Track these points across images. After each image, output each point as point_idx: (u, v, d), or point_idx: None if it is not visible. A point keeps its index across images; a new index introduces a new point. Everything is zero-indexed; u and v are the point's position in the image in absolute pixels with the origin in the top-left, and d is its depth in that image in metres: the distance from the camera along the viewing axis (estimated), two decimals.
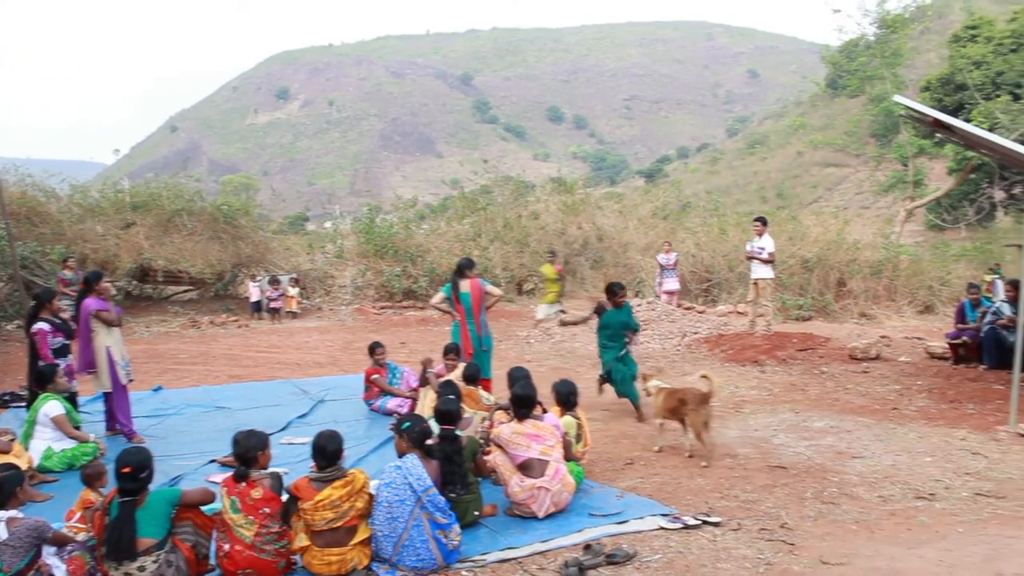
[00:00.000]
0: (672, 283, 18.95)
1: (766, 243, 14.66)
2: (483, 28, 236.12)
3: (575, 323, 15.56)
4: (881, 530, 5.87)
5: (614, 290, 9.93)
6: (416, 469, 5.37)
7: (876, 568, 5.11)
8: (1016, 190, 33.52)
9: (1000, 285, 14.76)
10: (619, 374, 9.71)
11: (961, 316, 13.14)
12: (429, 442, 5.76)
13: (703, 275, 22.32)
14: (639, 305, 17.24)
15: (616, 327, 9.84)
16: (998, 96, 33.88)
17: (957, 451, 7.92)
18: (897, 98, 10.38)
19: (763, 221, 15.20)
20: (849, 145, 60.00)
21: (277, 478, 5.24)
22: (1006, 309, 11.96)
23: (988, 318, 12.29)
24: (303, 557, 5.11)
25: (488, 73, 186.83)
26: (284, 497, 5.18)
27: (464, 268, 10.18)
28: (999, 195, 36.54)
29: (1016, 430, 8.48)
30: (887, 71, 34.52)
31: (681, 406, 7.79)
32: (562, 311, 17.95)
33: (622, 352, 9.77)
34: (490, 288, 10.09)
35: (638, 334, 10.61)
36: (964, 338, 12.73)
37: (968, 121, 26.27)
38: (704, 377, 7.90)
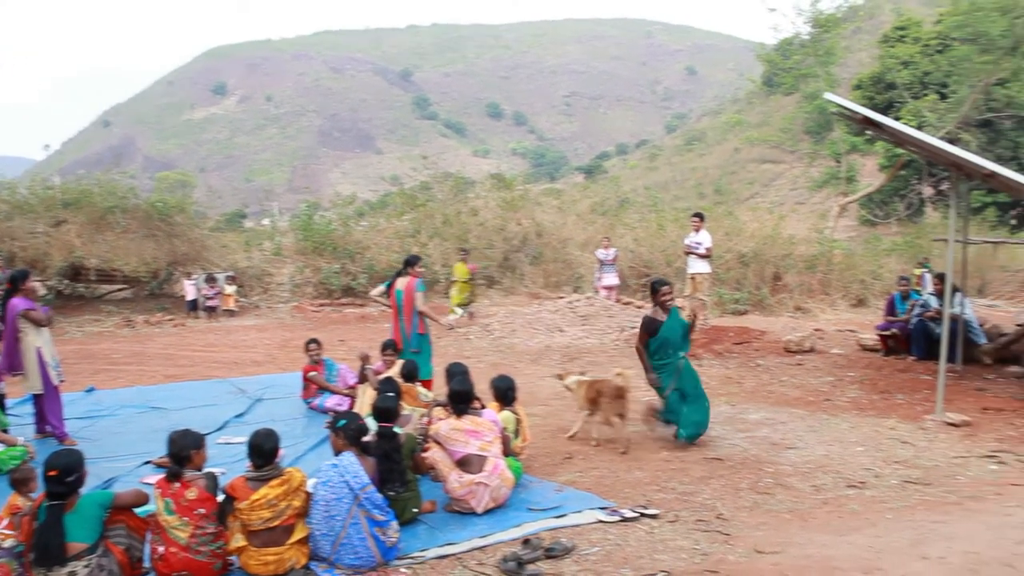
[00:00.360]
0: (611, 278, 19.07)
1: (703, 238, 14.84)
2: (423, 24, 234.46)
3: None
4: (814, 519, 6.00)
5: (656, 288, 8.16)
6: (353, 467, 5.34)
7: (808, 556, 5.21)
8: (944, 186, 34.36)
9: (929, 278, 15.14)
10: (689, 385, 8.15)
11: (891, 309, 13.45)
12: (366, 439, 5.74)
13: (642, 270, 22.52)
14: (578, 301, 17.33)
15: (679, 340, 8.15)
16: (926, 95, 34.75)
17: (887, 440, 8.12)
18: (828, 96, 10.57)
19: (700, 216, 15.38)
20: (784, 142, 61.13)
21: (212, 478, 5.18)
22: (933, 302, 12.28)
23: (917, 310, 12.61)
24: (240, 558, 5.05)
25: (428, 69, 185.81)
26: (220, 497, 5.11)
27: (407, 264, 10.18)
28: (928, 191, 37.51)
29: (943, 419, 8.73)
30: (820, 69, 35.12)
31: (598, 397, 8.03)
32: (469, 314, 17.73)
33: (678, 369, 8.10)
34: (418, 296, 10.02)
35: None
36: (894, 330, 13.04)
37: (897, 119, 26.82)
38: (619, 374, 8.11)
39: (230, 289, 20.43)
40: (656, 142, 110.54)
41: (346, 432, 5.61)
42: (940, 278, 11.72)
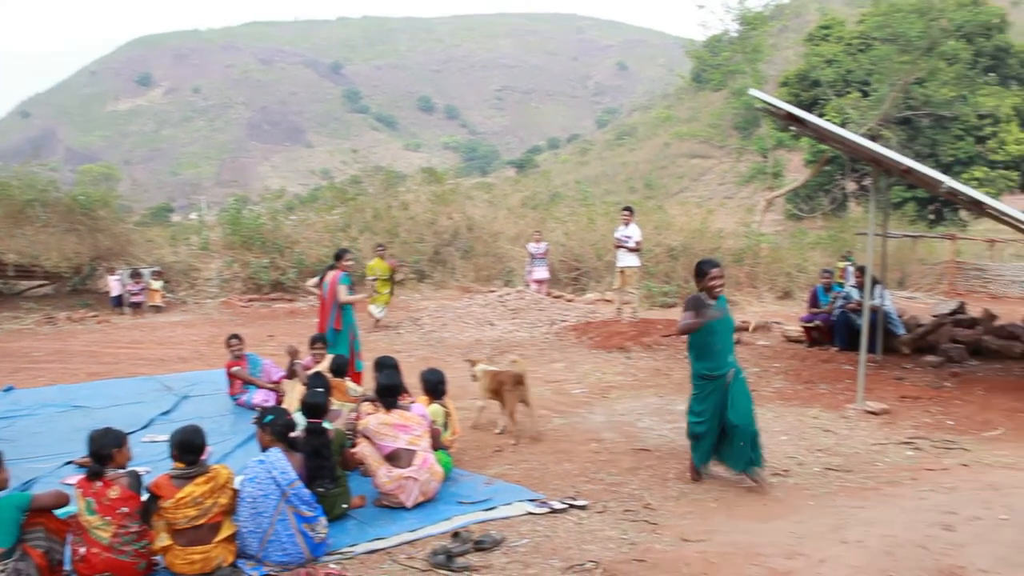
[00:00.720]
0: (542, 272, 19.16)
1: (633, 232, 14.99)
2: (353, 16, 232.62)
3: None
4: (739, 507, 6.13)
5: (704, 269, 6.53)
6: (280, 463, 5.30)
7: (733, 543, 5.32)
8: (866, 182, 35.22)
9: (851, 271, 15.49)
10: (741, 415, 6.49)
11: (814, 301, 13.77)
12: (294, 435, 5.70)
13: (572, 264, 22.67)
14: (508, 295, 17.38)
15: (729, 336, 6.68)
16: (849, 93, 35.64)
17: (810, 429, 8.32)
18: (752, 92, 10.78)
19: (630, 210, 15.55)
20: (713, 137, 61.99)
21: (135, 476, 5.08)
22: (855, 294, 12.58)
23: (839, 302, 12.92)
24: (165, 557, 4.98)
25: (359, 62, 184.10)
26: (144, 496, 5.03)
27: (336, 257, 10.17)
28: (851, 186, 38.46)
29: (863, 407, 8.98)
30: (748, 66, 35.76)
31: (500, 387, 8.12)
32: (376, 321, 16.43)
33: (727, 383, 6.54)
34: (341, 289, 9.98)
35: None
36: (817, 322, 13.34)
37: (821, 116, 27.49)
38: (514, 361, 8.40)
39: (156, 284, 20.03)
40: (587, 137, 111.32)
41: (273, 428, 5.57)
42: (861, 271, 12.02)
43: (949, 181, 8.61)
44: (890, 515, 5.77)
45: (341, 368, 8.23)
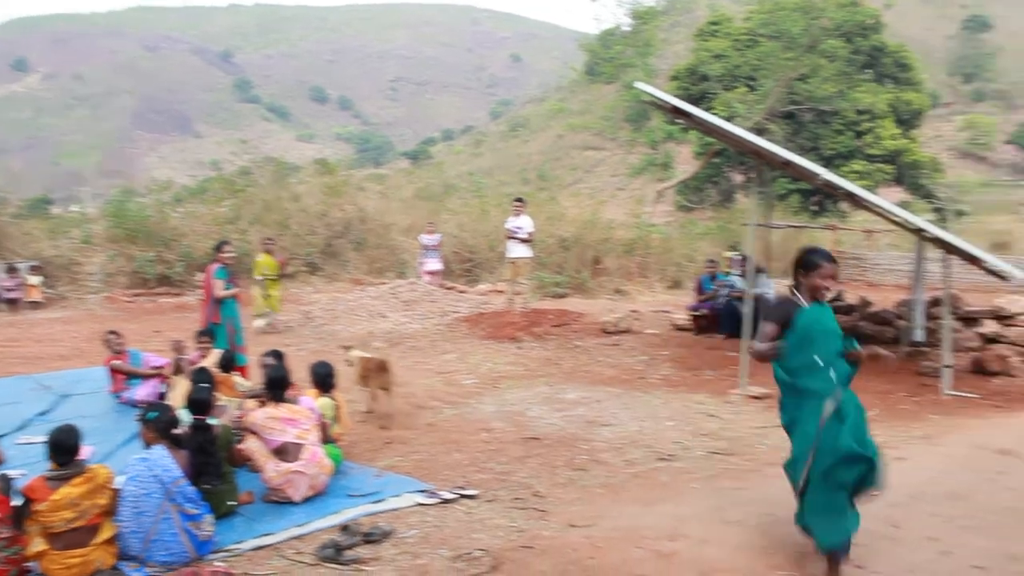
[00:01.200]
0: (434, 263, 19.14)
1: (524, 222, 15.08)
2: (245, 3, 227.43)
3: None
4: (626, 492, 6.26)
5: (815, 262, 4.90)
6: (164, 460, 5.18)
7: (618, 527, 5.44)
8: (753, 174, 36.27)
9: (739, 261, 15.97)
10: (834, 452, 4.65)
11: (700, 289, 14.14)
12: (179, 432, 5.58)
13: (465, 255, 22.71)
14: (401, 287, 17.31)
15: (829, 338, 4.86)
16: (736, 87, 36.56)
17: (695, 414, 8.55)
18: (639, 85, 10.96)
19: (522, 201, 15.64)
20: (605, 130, 62.84)
21: (5, 480, 4.90)
22: (739, 282, 12.96)
23: (723, 291, 13.30)
24: (40, 563, 4.77)
25: (250, 51, 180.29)
26: (17, 500, 4.85)
27: (215, 249, 10.00)
28: (739, 178, 39.51)
29: (746, 392, 9.27)
30: (639, 60, 36.37)
31: (367, 373, 8.34)
32: (270, 324, 15.04)
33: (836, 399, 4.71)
34: (216, 283, 9.82)
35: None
36: (703, 310, 13.70)
37: (710, 110, 28.14)
38: (377, 348, 8.73)
39: (34, 280, 19.24)
40: (481, 128, 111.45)
41: (157, 424, 5.44)
42: (744, 260, 12.38)
43: (825, 173, 8.95)
44: (770, 495, 5.99)
45: (228, 363, 8.09)
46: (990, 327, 11.56)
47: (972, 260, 9.93)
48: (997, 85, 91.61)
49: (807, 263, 4.92)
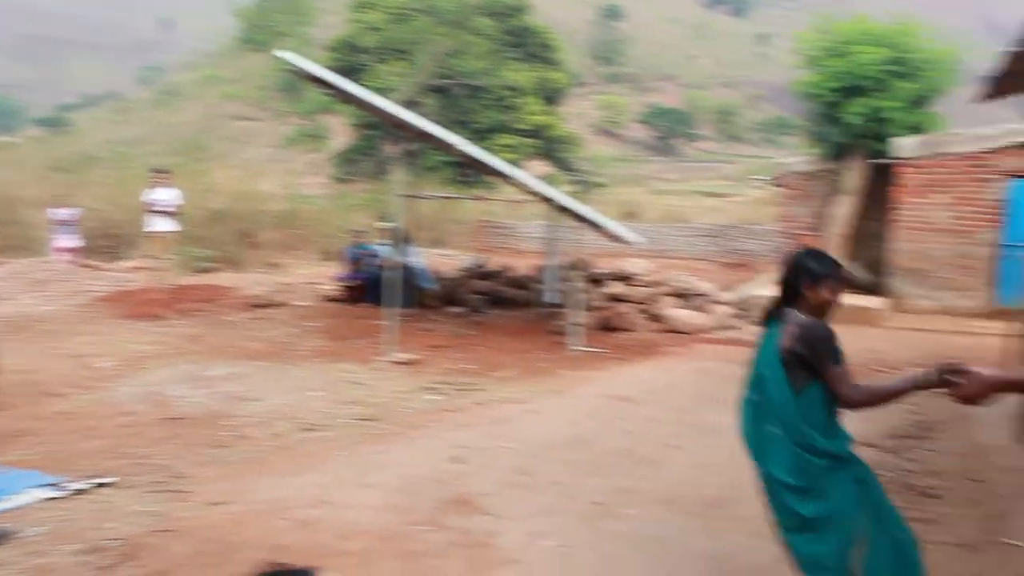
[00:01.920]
0: (71, 240, 17.75)
1: (168, 194, 14.36)
2: None
3: None
4: (270, 465, 6.21)
5: (822, 272, 3.48)
6: None
7: (260, 500, 5.41)
8: (404, 146, 37.01)
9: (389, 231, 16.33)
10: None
11: (348, 260, 14.31)
12: None
13: (108, 231, 21.21)
14: (32, 265, 15.90)
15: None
16: (390, 60, 37.05)
17: (343, 383, 8.65)
18: (279, 53, 10.74)
19: (164, 172, 14.86)
20: (260, 99, 61.17)
21: None
22: (385, 252, 13.25)
23: (367, 260, 13.59)
24: None
25: None
26: None
27: None
28: (392, 150, 40.09)
29: (391, 358, 9.53)
30: (295, 29, 35.73)
31: None
32: None
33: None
34: None
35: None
36: (354, 281, 13.88)
37: (364, 82, 28.31)
38: None
39: None
40: (128, 95, 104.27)
41: None
42: (394, 231, 12.67)
43: (461, 144, 9.35)
44: (411, 456, 6.24)
45: None
46: (616, 288, 12.72)
47: (596, 227, 10.84)
48: (629, 69, 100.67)
49: (814, 272, 3.49)
